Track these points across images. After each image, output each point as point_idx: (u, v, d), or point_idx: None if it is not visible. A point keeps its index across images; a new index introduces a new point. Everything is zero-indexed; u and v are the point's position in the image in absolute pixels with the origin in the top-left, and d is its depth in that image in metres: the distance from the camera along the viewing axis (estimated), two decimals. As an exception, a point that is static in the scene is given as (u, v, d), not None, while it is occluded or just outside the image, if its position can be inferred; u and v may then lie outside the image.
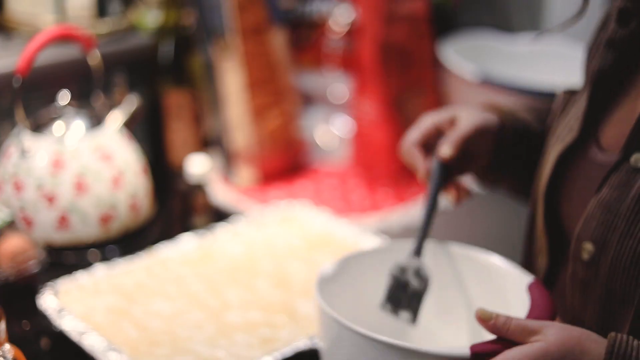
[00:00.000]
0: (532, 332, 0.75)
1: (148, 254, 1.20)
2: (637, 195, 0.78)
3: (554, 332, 0.74)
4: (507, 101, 1.49)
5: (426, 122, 1.01)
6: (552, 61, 1.67)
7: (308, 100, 1.70)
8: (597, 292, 0.82)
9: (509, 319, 0.76)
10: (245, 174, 1.53)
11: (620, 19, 0.85)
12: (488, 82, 1.51)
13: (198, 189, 1.33)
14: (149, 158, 1.59)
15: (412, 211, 1.46)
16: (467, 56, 1.63)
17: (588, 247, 0.83)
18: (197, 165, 1.33)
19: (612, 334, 0.75)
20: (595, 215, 0.82)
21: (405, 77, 1.58)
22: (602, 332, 0.77)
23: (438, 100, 1.72)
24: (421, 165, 0.98)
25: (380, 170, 1.58)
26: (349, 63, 1.68)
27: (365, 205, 1.48)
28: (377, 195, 1.52)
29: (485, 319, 0.76)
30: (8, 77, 1.39)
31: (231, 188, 1.53)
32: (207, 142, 1.62)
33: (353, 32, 1.66)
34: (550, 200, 0.93)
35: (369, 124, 1.57)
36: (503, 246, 1.38)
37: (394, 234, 1.38)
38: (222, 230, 1.27)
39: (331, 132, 1.67)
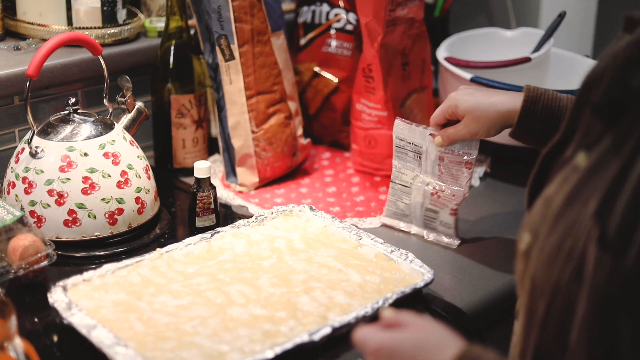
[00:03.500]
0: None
1: (154, 251, 1.22)
2: (568, 192, 0.78)
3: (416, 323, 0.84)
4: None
5: (447, 104, 1.30)
6: (542, 64, 1.70)
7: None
8: (527, 284, 0.82)
9: None
10: (247, 174, 1.54)
11: (626, 26, 0.85)
12: (479, 82, 1.53)
13: (201, 189, 1.35)
14: (154, 159, 1.62)
15: (410, 212, 1.48)
16: (460, 56, 1.66)
17: (526, 237, 0.82)
18: (201, 166, 1.34)
19: (466, 347, 0.80)
20: (537, 207, 0.82)
21: (405, 78, 1.59)
22: (527, 323, 0.80)
23: (435, 99, 1.74)
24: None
25: (381, 170, 1.60)
26: (350, 65, 1.70)
27: (366, 205, 1.50)
28: (378, 196, 1.53)
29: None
30: (19, 80, 1.42)
31: (233, 189, 1.55)
32: (211, 144, 1.64)
33: (355, 35, 1.68)
34: (534, 196, 0.93)
35: (370, 124, 1.59)
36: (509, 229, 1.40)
37: (395, 235, 1.40)
38: (224, 230, 1.29)
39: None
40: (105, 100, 1.39)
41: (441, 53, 1.67)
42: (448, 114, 1.30)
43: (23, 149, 1.31)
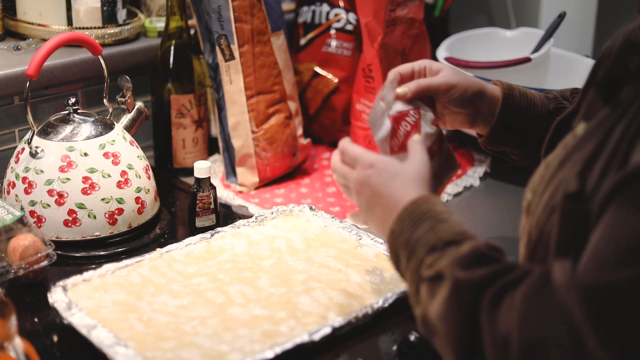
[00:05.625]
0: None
1: (154, 251, 1.22)
2: (563, 156, 0.88)
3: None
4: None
5: (417, 62, 1.15)
6: (542, 64, 1.70)
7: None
8: (525, 237, 0.92)
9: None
10: (247, 174, 1.54)
11: None
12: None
13: (201, 189, 1.35)
14: (154, 159, 1.62)
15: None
16: (460, 56, 1.66)
17: (528, 195, 0.91)
18: (201, 166, 1.34)
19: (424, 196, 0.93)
20: (539, 169, 0.91)
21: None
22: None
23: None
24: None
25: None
26: (350, 65, 1.70)
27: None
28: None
29: None
30: (19, 80, 1.42)
31: (233, 189, 1.55)
32: (211, 144, 1.64)
33: (355, 35, 1.68)
34: None
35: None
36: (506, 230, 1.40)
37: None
38: (224, 230, 1.29)
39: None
40: (105, 100, 1.39)
41: (441, 53, 1.67)
42: (418, 67, 1.14)
43: (23, 149, 1.31)
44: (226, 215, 1.43)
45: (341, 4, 1.68)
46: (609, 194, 0.77)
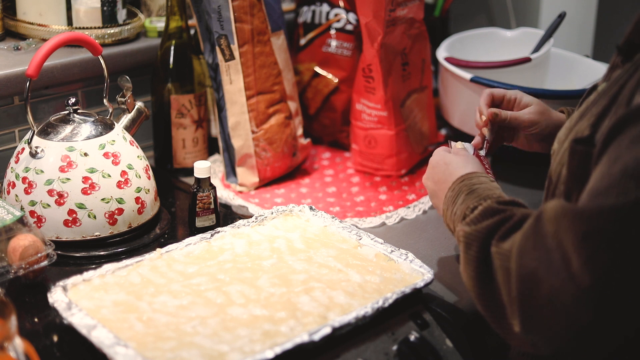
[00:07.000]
0: None
1: (154, 251, 1.22)
2: (584, 109, 1.00)
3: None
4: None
5: (510, 91, 1.32)
6: (542, 64, 1.70)
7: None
8: (548, 181, 1.04)
9: None
10: (247, 174, 1.55)
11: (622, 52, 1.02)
12: (479, 82, 1.54)
13: (201, 189, 1.35)
14: (154, 159, 1.62)
15: (413, 211, 1.48)
16: (460, 56, 1.66)
17: (555, 145, 1.05)
18: (201, 166, 1.35)
19: (470, 173, 1.12)
20: (566, 123, 1.05)
21: (405, 78, 1.60)
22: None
23: (435, 99, 1.75)
24: (482, 111, 1.30)
25: (381, 170, 1.60)
26: (350, 65, 1.70)
27: (366, 205, 1.50)
28: (378, 196, 1.53)
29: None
30: (19, 80, 1.42)
31: (233, 189, 1.55)
32: (211, 144, 1.64)
33: (355, 35, 1.68)
34: None
35: (370, 124, 1.59)
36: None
37: (395, 235, 1.40)
38: (224, 230, 1.29)
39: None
40: (105, 100, 1.39)
41: (441, 53, 1.67)
42: (510, 96, 1.32)
43: (23, 149, 1.31)
44: (226, 215, 1.43)
45: (341, 4, 1.69)
46: (609, 132, 0.88)
